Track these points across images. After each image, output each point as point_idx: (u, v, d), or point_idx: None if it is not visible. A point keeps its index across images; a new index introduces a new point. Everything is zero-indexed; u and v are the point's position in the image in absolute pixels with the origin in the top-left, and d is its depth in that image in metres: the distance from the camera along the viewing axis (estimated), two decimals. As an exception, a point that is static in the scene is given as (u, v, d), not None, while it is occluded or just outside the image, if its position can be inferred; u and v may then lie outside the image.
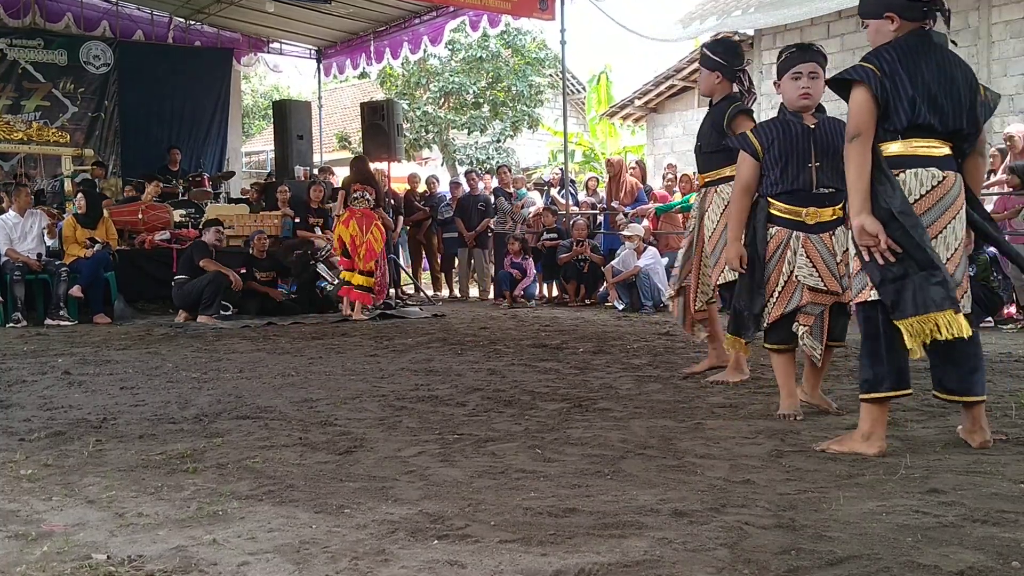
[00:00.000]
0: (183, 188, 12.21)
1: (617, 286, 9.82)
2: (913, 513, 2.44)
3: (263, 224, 10.50)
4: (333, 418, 3.92)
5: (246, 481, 2.86)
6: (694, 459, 3.12)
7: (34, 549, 2.23)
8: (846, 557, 2.10)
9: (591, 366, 5.48)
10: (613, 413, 4.00)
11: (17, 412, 4.12)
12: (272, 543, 2.25)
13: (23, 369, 5.52)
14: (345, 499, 2.64)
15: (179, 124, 14.02)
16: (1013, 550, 2.14)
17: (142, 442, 3.47)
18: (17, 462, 3.13)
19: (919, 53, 3.10)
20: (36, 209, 9.21)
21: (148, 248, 9.96)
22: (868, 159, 3.04)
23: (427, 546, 2.22)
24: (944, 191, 3.08)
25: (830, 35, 13.02)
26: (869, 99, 3.04)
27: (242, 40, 14.72)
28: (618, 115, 16.97)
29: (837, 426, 3.67)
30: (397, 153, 11.72)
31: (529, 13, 11.92)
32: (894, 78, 3.05)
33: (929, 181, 3.07)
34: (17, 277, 8.42)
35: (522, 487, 2.76)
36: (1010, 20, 11.14)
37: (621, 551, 2.16)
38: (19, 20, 12.70)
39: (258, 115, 30.95)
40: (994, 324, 7.45)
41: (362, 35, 14.30)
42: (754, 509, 2.50)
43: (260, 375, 5.24)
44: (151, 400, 4.42)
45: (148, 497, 2.69)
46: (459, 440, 3.45)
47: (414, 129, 21.29)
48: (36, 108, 12.79)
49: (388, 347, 6.61)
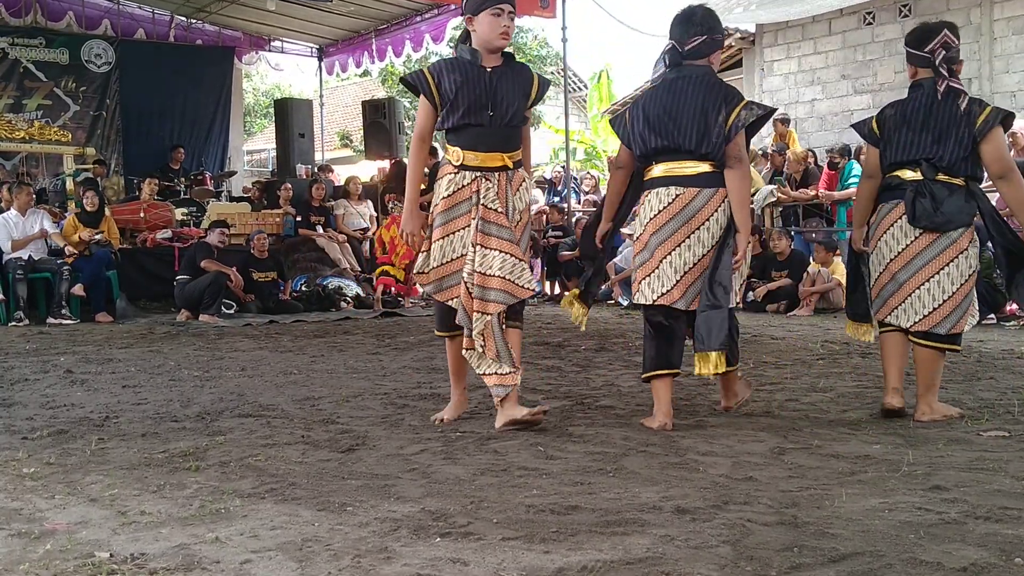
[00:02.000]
0: (185, 187, 12.22)
1: (620, 283, 9.84)
2: (916, 510, 2.44)
3: (264, 223, 10.52)
4: (335, 416, 3.92)
5: (248, 479, 2.86)
6: (696, 456, 3.12)
7: (37, 547, 2.23)
8: (848, 554, 2.10)
9: (593, 364, 5.48)
10: (615, 411, 4.00)
11: (19, 411, 4.12)
12: (275, 541, 2.25)
13: (25, 368, 5.53)
14: (347, 497, 2.64)
15: (181, 123, 14.02)
16: (1016, 546, 2.13)
17: (144, 440, 3.47)
18: (20, 460, 3.13)
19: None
20: (39, 209, 9.21)
21: (150, 247, 9.98)
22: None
23: (430, 544, 2.22)
24: (682, 205, 3.54)
25: (831, 32, 13.02)
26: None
27: (243, 38, 14.71)
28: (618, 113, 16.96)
29: (839, 424, 3.67)
30: (398, 151, 11.74)
31: (530, 11, 11.90)
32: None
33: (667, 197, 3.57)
34: (19, 276, 8.43)
35: (524, 485, 2.76)
36: (1012, 17, 11.13)
37: (624, 548, 2.16)
38: (20, 19, 12.70)
39: (260, 113, 30.98)
40: (996, 321, 7.46)
41: (364, 33, 14.30)
42: (756, 506, 2.50)
43: (262, 373, 5.24)
44: (153, 398, 4.42)
45: (150, 495, 2.69)
46: (461, 438, 3.45)
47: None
48: (38, 107, 12.80)
49: (390, 345, 6.61)
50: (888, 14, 12.26)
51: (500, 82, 3.54)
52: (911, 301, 3.62)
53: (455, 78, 3.51)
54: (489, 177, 3.53)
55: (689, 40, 3.60)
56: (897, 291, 3.65)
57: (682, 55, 3.62)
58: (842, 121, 12.61)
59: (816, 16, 12.80)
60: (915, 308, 3.62)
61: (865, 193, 3.82)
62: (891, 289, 3.67)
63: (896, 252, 3.64)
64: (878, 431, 3.50)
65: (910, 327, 3.65)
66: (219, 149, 14.54)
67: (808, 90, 13.30)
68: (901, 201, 3.61)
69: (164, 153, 13.14)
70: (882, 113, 3.76)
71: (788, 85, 13.46)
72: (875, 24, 12.45)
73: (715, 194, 3.53)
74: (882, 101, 11.55)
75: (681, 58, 3.63)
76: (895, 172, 3.67)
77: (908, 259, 3.62)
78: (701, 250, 3.54)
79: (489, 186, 3.51)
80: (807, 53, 13.34)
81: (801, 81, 13.41)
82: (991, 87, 11.10)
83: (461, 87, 3.49)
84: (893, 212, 3.65)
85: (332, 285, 9.98)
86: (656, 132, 3.59)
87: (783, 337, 6.80)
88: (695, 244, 3.54)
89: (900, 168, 3.65)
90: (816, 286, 8.91)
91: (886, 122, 3.70)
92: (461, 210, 3.53)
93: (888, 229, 3.67)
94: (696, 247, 3.54)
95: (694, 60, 3.63)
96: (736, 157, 3.52)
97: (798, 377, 4.88)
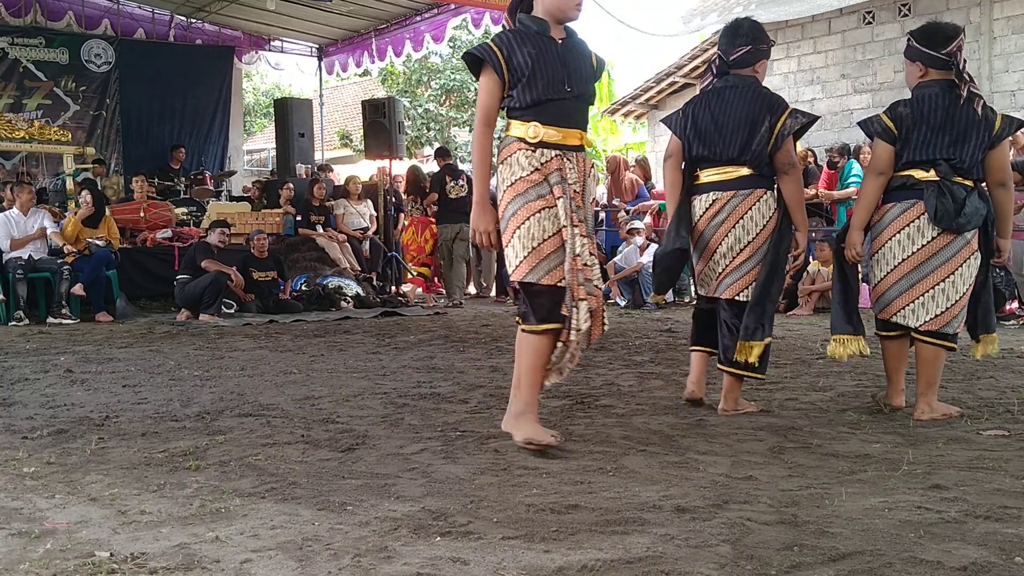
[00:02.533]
0: (185, 186, 12.22)
1: (619, 282, 9.84)
2: (915, 509, 2.44)
3: (264, 222, 10.51)
4: (335, 415, 3.92)
5: (248, 478, 2.86)
6: (696, 455, 3.12)
7: (37, 547, 2.23)
8: (848, 553, 2.10)
9: (593, 363, 5.47)
10: (615, 410, 4.00)
11: (20, 410, 4.12)
12: (274, 540, 2.25)
13: (25, 367, 5.53)
14: (347, 496, 2.64)
15: (180, 122, 14.02)
16: (1016, 545, 2.13)
17: (144, 440, 3.47)
18: (20, 460, 3.13)
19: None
20: (40, 208, 9.21)
21: (150, 246, 9.98)
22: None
23: (429, 543, 2.22)
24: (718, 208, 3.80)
25: (831, 31, 13.01)
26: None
27: (243, 38, 14.71)
28: (619, 112, 16.95)
29: (838, 423, 3.67)
30: (398, 151, 11.74)
31: (530, 10, 11.89)
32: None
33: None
34: (19, 275, 8.43)
35: (524, 484, 2.76)
36: (1012, 16, 11.13)
37: (623, 547, 2.16)
38: (20, 19, 12.69)
39: (259, 113, 30.99)
40: (996, 320, 7.45)
41: (363, 33, 14.29)
42: (756, 505, 2.50)
43: (262, 373, 5.24)
44: (153, 398, 4.42)
45: (150, 495, 2.69)
46: (461, 437, 3.45)
47: (415, 127, 21.32)
48: (37, 106, 12.79)
49: (390, 344, 6.61)
50: (888, 13, 12.25)
51: (570, 55, 3.26)
52: (923, 301, 3.64)
53: (528, 51, 3.18)
54: (569, 156, 3.22)
55: (735, 50, 3.82)
56: (908, 290, 3.66)
57: (728, 65, 3.85)
58: (841, 120, 12.60)
59: (816, 15, 12.79)
60: (927, 308, 3.64)
61: (875, 190, 3.75)
62: (900, 288, 3.68)
63: (910, 252, 3.64)
64: (878, 430, 3.50)
65: (919, 326, 3.67)
66: (219, 148, 14.53)
67: (808, 89, 13.29)
68: (918, 201, 3.61)
69: (164, 153, 13.14)
70: (895, 111, 3.72)
71: (788, 84, 13.45)
72: (875, 24, 12.45)
73: (750, 194, 3.76)
74: (882, 100, 11.58)
75: (728, 67, 3.86)
76: (908, 171, 3.66)
77: (923, 259, 3.63)
78: (738, 246, 3.80)
79: (571, 166, 3.21)
80: (807, 52, 13.33)
81: (801, 80, 13.41)
82: (991, 86, 11.09)
83: (537, 60, 3.17)
84: (910, 212, 3.64)
85: (332, 285, 9.98)
86: (702, 141, 3.84)
87: (782, 336, 6.80)
88: (732, 241, 3.80)
89: (913, 168, 3.65)
90: (816, 285, 8.91)
91: (903, 120, 3.66)
92: (542, 190, 3.16)
93: (903, 229, 3.66)
94: (733, 243, 3.80)
95: (740, 70, 3.84)
96: (788, 163, 3.77)
97: (798, 376, 4.89)
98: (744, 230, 3.77)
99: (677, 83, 15.43)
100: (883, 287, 3.74)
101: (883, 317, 3.78)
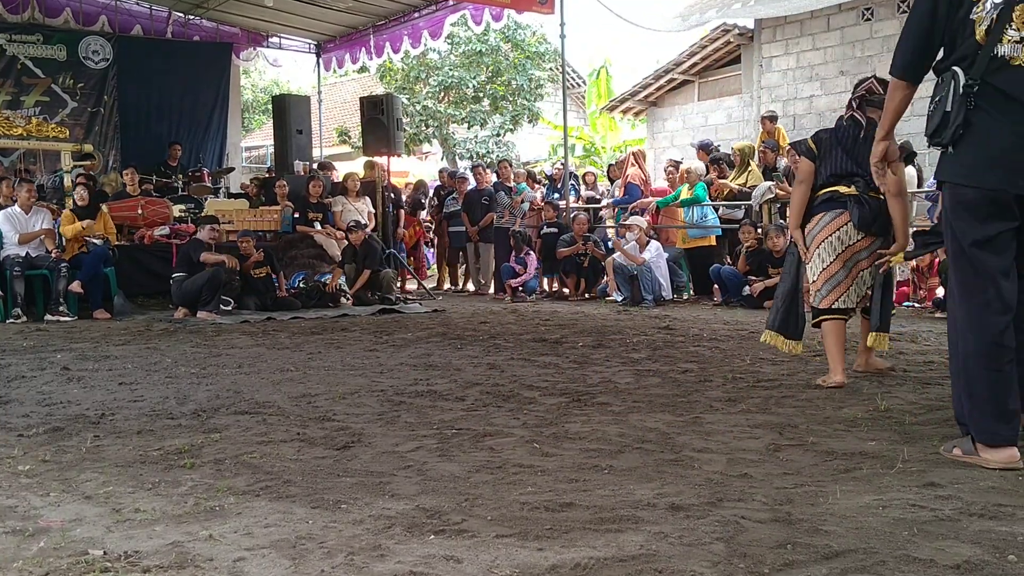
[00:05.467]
0: (182, 183, 12.20)
1: (617, 279, 9.80)
2: (910, 507, 2.44)
3: (262, 219, 10.50)
4: (331, 413, 3.92)
5: (243, 476, 2.86)
6: (691, 453, 3.12)
7: (31, 544, 2.23)
8: (842, 551, 2.10)
9: (590, 360, 5.47)
10: (612, 407, 4.00)
11: (16, 408, 4.12)
12: (268, 538, 2.25)
13: (22, 365, 5.52)
14: (342, 494, 2.64)
15: (178, 119, 13.99)
16: (1009, 544, 2.14)
17: (140, 438, 3.47)
18: (15, 458, 3.13)
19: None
20: (41, 208, 9.19)
21: (147, 243, 9.96)
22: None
23: (423, 541, 2.22)
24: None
25: (830, 28, 13.01)
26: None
27: (241, 34, 14.69)
28: (618, 109, 16.95)
29: (834, 420, 3.67)
30: (397, 147, 11.73)
31: (529, 7, 11.90)
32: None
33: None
34: (17, 272, 8.42)
35: (519, 482, 2.77)
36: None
37: (617, 545, 2.16)
38: (18, 15, 12.67)
39: (257, 110, 30.94)
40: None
41: (361, 29, 14.28)
42: (751, 503, 2.50)
43: (259, 370, 5.24)
44: (149, 396, 4.42)
45: (145, 493, 2.69)
46: (457, 435, 3.45)
47: (414, 123, 21.29)
48: (35, 103, 12.77)
49: (387, 342, 6.61)
50: (887, 10, 12.25)
51: None
52: (856, 284, 4.55)
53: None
54: None
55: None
56: (845, 278, 4.52)
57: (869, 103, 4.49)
58: (840, 117, 12.59)
59: (815, 12, 12.79)
60: (858, 289, 4.57)
61: (804, 197, 4.62)
62: (840, 276, 4.52)
63: (847, 245, 4.49)
64: (873, 428, 3.50)
65: (857, 302, 4.57)
66: (217, 145, 14.51)
67: (806, 86, 13.29)
68: (844, 210, 4.46)
69: (162, 149, 13.11)
70: (817, 135, 4.67)
71: (786, 81, 13.45)
72: (873, 20, 12.44)
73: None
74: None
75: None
76: (833, 187, 4.50)
77: (856, 251, 4.52)
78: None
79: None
80: (805, 49, 13.33)
81: (799, 77, 13.41)
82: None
83: None
84: (839, 219, 4.49)
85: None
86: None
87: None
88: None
89: (836, 183, 4.51)
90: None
91: (821, 143, 4.59)
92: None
93: (836, 232, 4.50)
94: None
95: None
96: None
97: (794, 374, 4.89)
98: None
99: (676, 80, 15.44)
100: (825, 276, 4.53)
101: (824, 306, 4.55)
